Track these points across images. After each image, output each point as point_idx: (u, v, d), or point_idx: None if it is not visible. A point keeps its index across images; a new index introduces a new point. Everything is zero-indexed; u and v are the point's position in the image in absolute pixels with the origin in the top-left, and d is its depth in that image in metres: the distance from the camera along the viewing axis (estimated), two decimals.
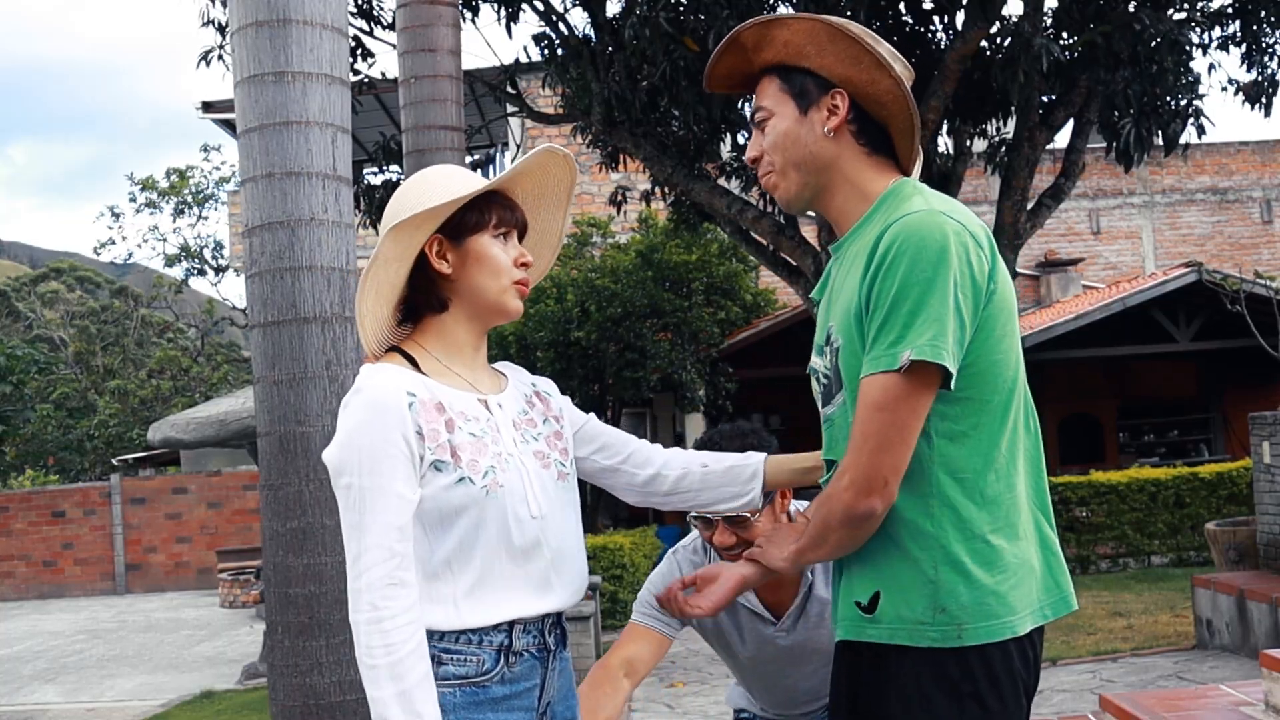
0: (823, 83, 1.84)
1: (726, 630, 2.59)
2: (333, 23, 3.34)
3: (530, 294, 10.73)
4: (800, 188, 1.89)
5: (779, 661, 2.58)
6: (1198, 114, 8.60)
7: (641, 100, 8.88)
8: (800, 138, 1.86)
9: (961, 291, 1.68)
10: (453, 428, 1.78)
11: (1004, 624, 1.71)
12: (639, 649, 2.47)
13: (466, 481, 1.75)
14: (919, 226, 1.69)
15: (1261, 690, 4.48)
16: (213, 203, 28.40)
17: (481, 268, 1.84)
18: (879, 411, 1.67)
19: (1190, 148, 9.31)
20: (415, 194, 1.83)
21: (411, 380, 1.78)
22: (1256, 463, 7.13)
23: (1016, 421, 1.79)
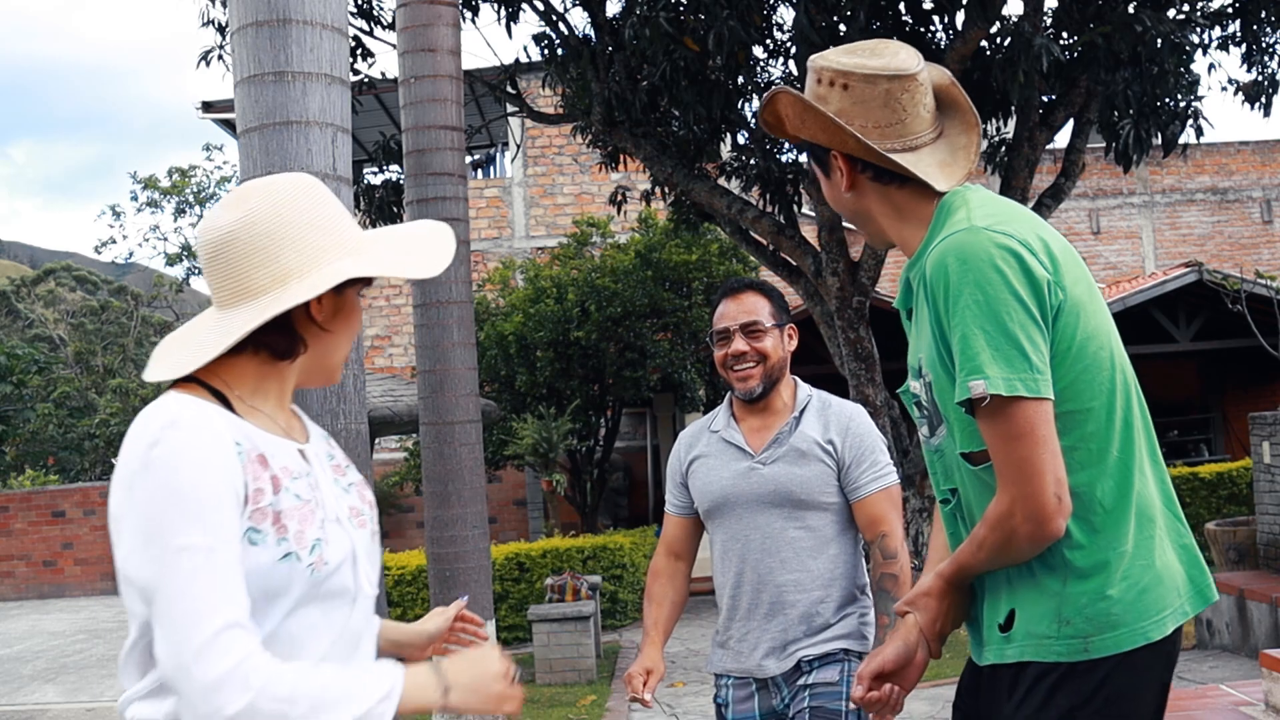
0: (824, 148, 1.88)
1: (706, 465, 2.79)
2: (333, 23, 3.34)
3: (530, 293, 10.79)
4: (867, 236, 1.95)
5: (756, 503, 2.69)
6: (1197, 114, 8.60)
7: (641, 100, 8.88)
8: (835, 199, 1.93)
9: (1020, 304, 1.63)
10: (278, 487, 1.44)
11: (1134, 631, 1.68)
12: (675, 534, 2.88)
13: (292, 558, 1.42)
14: (961, 248, 1.66)
15: (1261, 690, 4.48)
16: (214, 202, 28.42)
17: (348, 325, 1.58)
18: (1012, 442, 1.63)
19: (1190, 148, 9.31)
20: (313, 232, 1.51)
21: (231, 423, 1.44)
22: (1256, 463, 7.13)
23: (1128, 420, 1.73)
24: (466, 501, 5.78)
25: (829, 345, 10.16)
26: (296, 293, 1.45)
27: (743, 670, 2.74)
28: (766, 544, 2.70)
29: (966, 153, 1.85)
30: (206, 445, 1.38)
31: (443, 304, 5.82)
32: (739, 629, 2.74)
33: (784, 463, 2.71)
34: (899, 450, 9.69)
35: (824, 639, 2.69)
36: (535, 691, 7.93)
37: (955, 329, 1.65)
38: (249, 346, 1.50)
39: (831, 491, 2.71)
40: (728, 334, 2.77)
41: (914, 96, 1.82)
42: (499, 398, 13.26)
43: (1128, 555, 1.69)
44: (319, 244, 1.49)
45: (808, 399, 2.81)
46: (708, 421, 2.89)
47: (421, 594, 9.98)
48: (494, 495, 14.64)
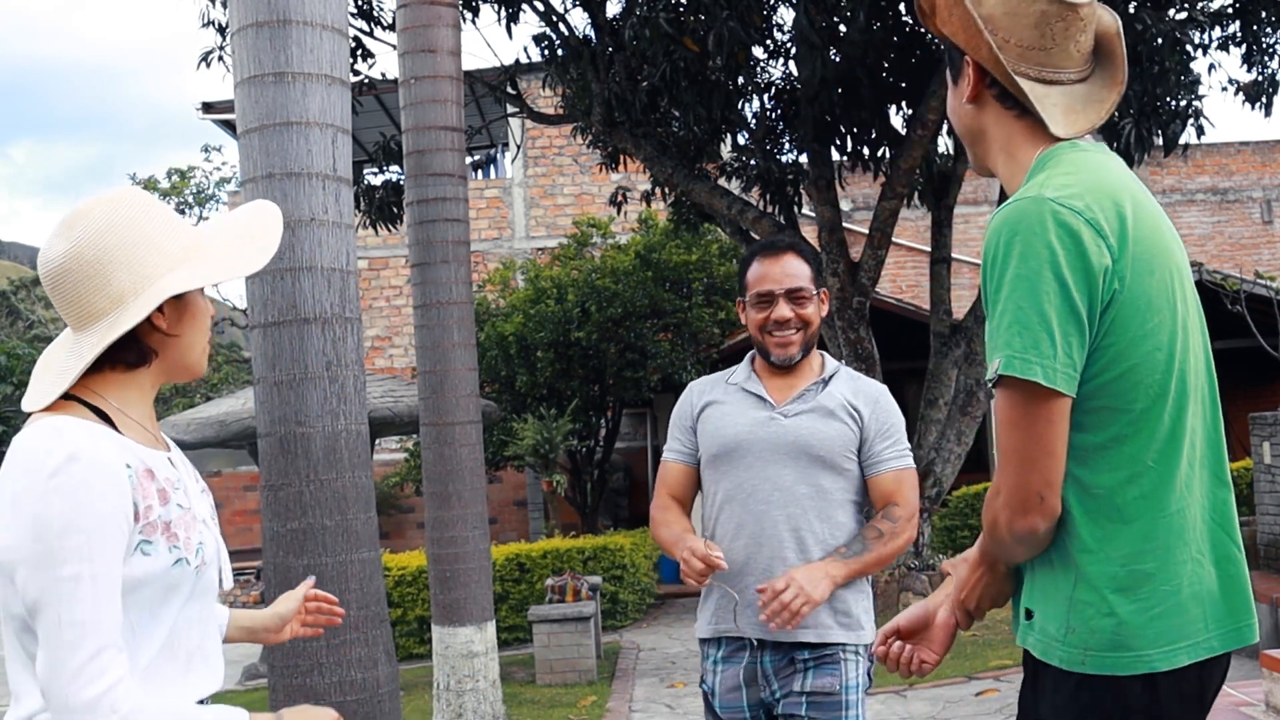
0: (962, 51, 1.76)
1: (721, 410, 2.68)
2: (333, 23, 3.34)
3: (530, 293, 10.78)
4: (973, 158, 1.85)
5: (772, 452, 2.58)
6: (1198, 114, 8.60)
7: (641, 100, 8.88)
8: (954, 108, 1.83)
9: (1063, 290, 1.52)
10: (166, 499, 1.58)
11: (1137, 657, 1.56)
12: (677, 479, 2.73)
13: (183, 563, 1.58)
14: (1018, 219, 1.56)
15: (1261, 690, 4.48)
16: (214, 203, 28.42)
17: (195, 324, 1.68)
18: (1012, 429, 1.57)
19: (1190, 148, 9.31)
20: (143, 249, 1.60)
21: (120, 445, 1.55)
22: (1256, 463, 7.12)
23: (1177, 430, 1.60)
24: (467, 502, 5.78)
25: (829, 345, 10.16)
26: (130, 315, 1.57)
27: (729, 630, 2.59)
28: (775, 497, 2.56)
29: (1099, 107, 1.73)
30: (103, 477, 1.49)
31: (443, 305, 5.82)
32: (733, 584, 2.58)
33: (808, 417, 2.60)
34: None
35: (821, 625, 2.53)
36: (535, 692, 7.93)
37: (995, 303, 1.57)
38: (106, 363, 1.61)
39: (851, 457, 2.60)
40: (771, 297, 2.65)
41: (1069, 29, 1.69)
42: (499, 398, 13.26)
43: (1148, 575, 1.57)
44: (148, 260, 1.59)
45: (837, 368, 2.73)
46: (724, 375, 2.78)
47: (422, 594, 9.98)
48: (494, 496, 14.64)
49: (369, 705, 3.26)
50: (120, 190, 1.65)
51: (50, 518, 1.45)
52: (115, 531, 1.49)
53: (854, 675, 2.56)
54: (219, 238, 1.72)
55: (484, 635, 5.84)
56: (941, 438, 9.68)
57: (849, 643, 2.57)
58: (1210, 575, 1.62)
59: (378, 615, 3.33)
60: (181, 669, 1.61)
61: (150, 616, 1.56)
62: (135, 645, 1.54)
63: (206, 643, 1.67)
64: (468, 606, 5.78)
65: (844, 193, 12.11)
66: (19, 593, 1.48)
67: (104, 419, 1.58)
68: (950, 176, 10.10)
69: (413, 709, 7.45)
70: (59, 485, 1.46)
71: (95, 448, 1.50)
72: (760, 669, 2.58)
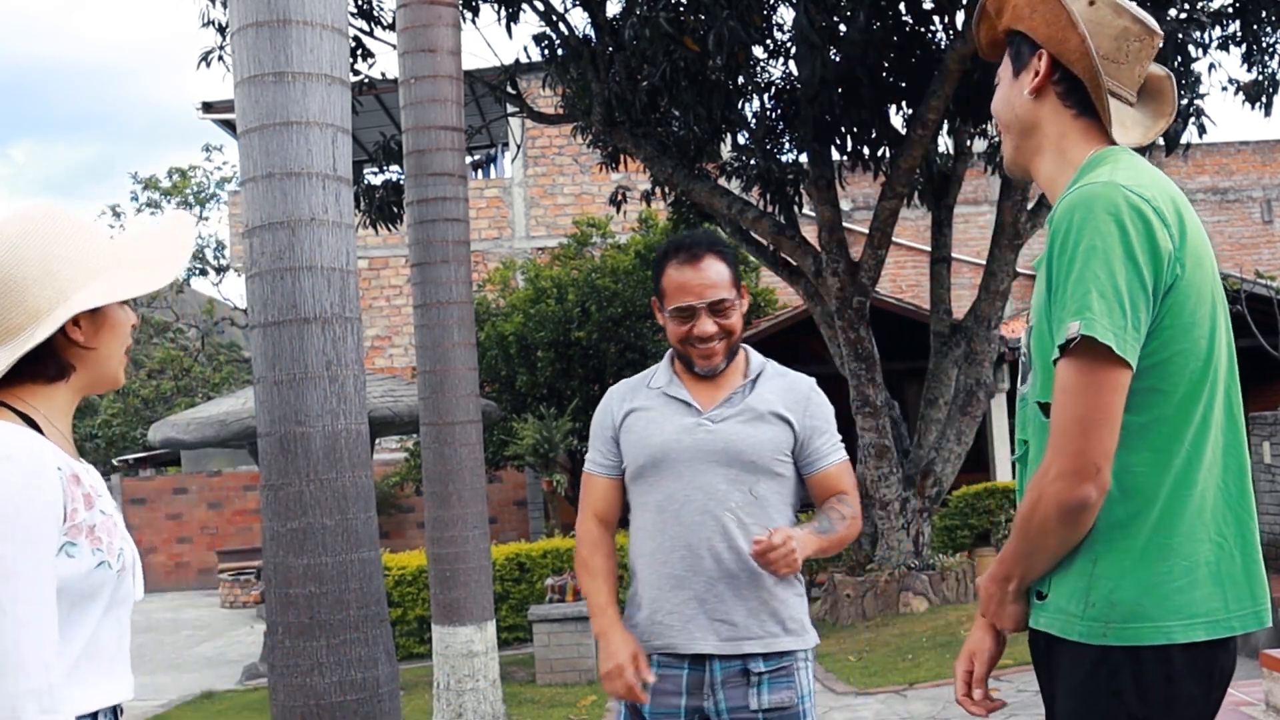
0: (1034, 45, 1.83)
1: (646, 418, 2.55)
2: (333, 23, 3.34)
3: (530, 293, 10.74)
4: (1014, 151, 1.90)
5: (701, 461, 2.46)
6: (1198, 113, 8.60)
7: (641, 100, 8.88)
8: (1009, 99, 1.89)
9: (1134, 267, 1.60)
10: (90, 504, 1.61)
11: (1158, 628, 1.62)
12: (603, 497, 2.62)
13: (105, 565, 1.61)
14: (1092, 198, 1.63)
15: (1261, 690, 4.48)
16: (214, 203, 28.43)
17: (114, 336, 1.71)
18: (1078, 395, 1.60)
19: (1191, 147, 9.30)
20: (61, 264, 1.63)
21: (50, 448, 1.59)
22: (1256, 463, 7.13)
23: (1208, 417, 1.69)
24: (467, 502, 5.78)
25: (829, 345, 10.16)
26: (44, 329, 1.60)
27: (671, 646, 2.46)
28: (708, 506, 2.44)
29: (1145, 131, 1.85)
30: (38, 476, 1.53)
31: (443, 304, 5.82)
32: (673, 600, 2.46)
33: (736, 422, 2.49)
34: (899, 450, 9.69)
35: (770, 635, 2.45)
36: (535, 692, 7.93)
37: (1068, 273, 1.61)
38: (28, 377, 1.65)
39: (784, 459, 2.50)
40: (693, 311, 2.50)
41: (1141, 53, 1.81)
42: (499, 398, 13.26)
43: (1171, 549, 1.64)
44: (63, 274, 1.62)
45: (762, 366, 2.61)
46: (645, 378, 2.65)
47: (422, 594, 9.98)
48: (494, 495, 14.64)
49: (369, 705, 3.26)
50: (34, 204, 1.68)
51: None
52: (46, 532, 1.52)
53: (806, 683, 2.50)
54: (133, 250, 1.74)
55: (484, 635, 5.84)
56: (941, 437, 9.67)
57: (799, 649, 2.49)
58: (1230, 558, 1.68)
59: (378, 615, 3.33)
60: (103, 674, 1.63)
61: (72, 619, 1.58)
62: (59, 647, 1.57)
63: (123, 651, 1.69)
64: (468, 606, 5.78)
65: (844, 193, 12.11)
66: None
67: (31, 425, 1.62)
68: (950, 176, 10.10)
69: (413, 709, 7.46)
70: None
71: (28, 448, 1.54)
72: (707, 678, 2.45)
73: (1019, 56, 1.87)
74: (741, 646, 2.43)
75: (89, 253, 1.66)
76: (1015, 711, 6.02)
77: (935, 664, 7.44)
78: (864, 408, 9.48)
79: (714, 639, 2.43)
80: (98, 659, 1.62)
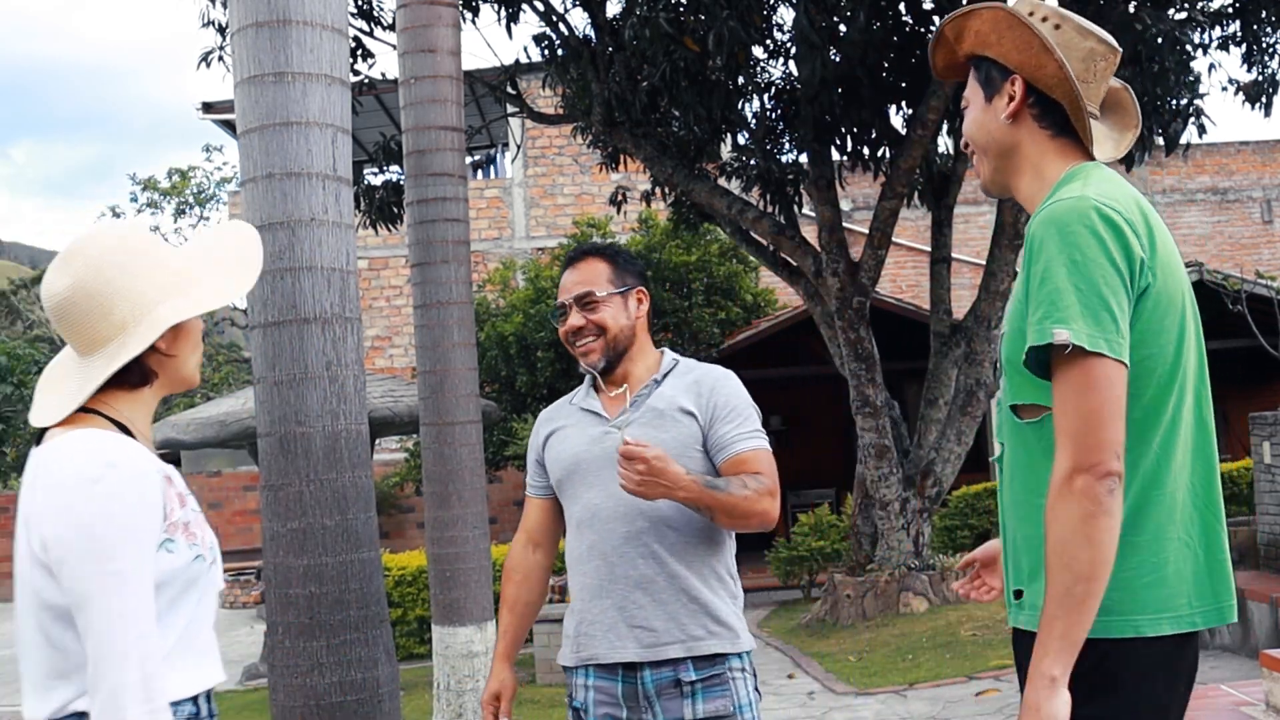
0: (1004, 70, 1.89)
1: (563, 434, 2.59)
2: (333, 23, 3.34)
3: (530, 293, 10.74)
4: (992, 172, 1.96)
5: (610, 468, 2.40)
6: (1198, 113, 8.60)
7: (641, 100, 8.88)
8: (984, 124, 1.93)
9: (1113, 273, 1.67)
10: (183, 503, 1.76)
11: (1125, 621, 1.69)
12: (536, 519, 2.69)
13: (200, 559, 1.75)
14: (1068, 212, 1.70)
15: (1261, 690, 4.48)
16: (214, 203, 28.42)
17: (190, 343, 1.84)
18: (1086, 393, 1.64)
19: (1191, 147, 9.31)
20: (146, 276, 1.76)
21: (146, 454, 1.73)
22: (1257, 463, 7.12)
23: (1177, 420, 1.74)
24: (467, 502, 5.78)
25: (829, 346, 10.16)
26: (135, 343, 1.74)
27: (595, 657, 2.43)
28: (620, 512, 2.42)
29: (1116, 144, 1.93)
30: (139, 482, 1.67)
31: (443, 304, 5.82)
32: (594, 610, 2.45)
33: (639, 425, 2.46)
34: (899, 450, 9.69)
35: (693, 638, 2.39)
36: (535, 692, 7.93)
37: (1046, 282, 1.67)
38: (113, 384, 1.77)
39: (695, 454, 2.43)
40: (564, 310, 2.57)
41: (1106, 70, 1.89)
42: (499, 398, 13.26)
43: (1140, 546, 1.70)
44: (144, 291, 1.75)
45: (673, 364, 2.58)
46: (569, 396, 2.69)
47: (422, 594, 9.97)
48: (494, 495, 14.64)
49: (369, 705, 3.26)
50: (112, 224, 1.82)
51: (95, 520, 1.61)
52: (150, 531, 1.66)
53: (745, 693, 2.44)
54: (205, 262, 1.86)
55: (484, 635, 5.84)
56: (941, 438, 9.67)
57: (731, 653, 2.43)
58: (1197, 556, 1.74)
59: (378, 615, 3.33)
60: (196, 660, 1.76)
61: (171, 610, 1.70)
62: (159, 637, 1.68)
63: (212, 637, 1.82)
64: (468, 606, 5.78)
65: (844, 193, 12.11)
66: (63, 587, 1.63)
67: (123, 430, 1.75)
68: (950, 176, 10.09)
69: (413, 709, 7.46)
70: (102, 491, 1.62)
71: (128, 456, 1.68)
72: (640, 689, 2.40)
73: (990, 82, 1.92)
74: (663, 652, 2.38)
75: (165, 268, 1.79)
76: (1015, 711, 6.02)
77: (935, 664, 7.44)
78: (864, 408, 9.48)
79: (635, 646, 2.40)
80: (193, 646, 1.75)
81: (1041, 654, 1.62)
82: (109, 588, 1.61)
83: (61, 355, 1.83)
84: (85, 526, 1.62)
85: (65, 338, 1.77)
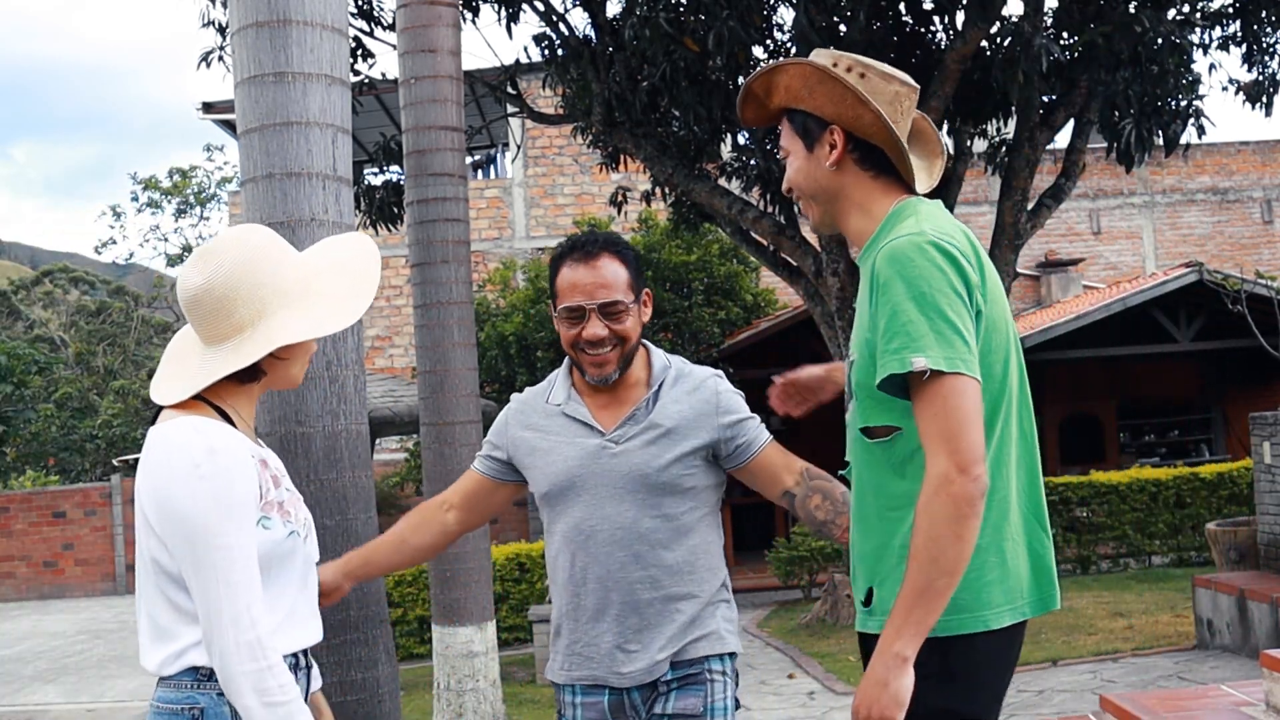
0: (820, 121, 2.00)
1: (550, 442, 2.42)
2: (333, 23, 3.34)
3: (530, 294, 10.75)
4: (821, 214, 2.08)
5: (609, 488, 2.34)
6: (1198, 114, 8.60)
7: (642, 100, 8.88)
8: (810, 172, 2.04)
9: (957, 299, 1.82)
10: (278, 483, 1.95)
11: (974, 617, 1.85)
12: (467, 487, 2.57)
13: (295, 534, 1.94)
14: (909, 248, 1.84)
15: (1262, 690, 4.48)
16: (215, 203, 28.42)
17: (303, 352, 2.01)
18: (940, 410, 1.78)
19: (1191, 148, 9.31)
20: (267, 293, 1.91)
21: (244, 439, 1.90)
22: (1257, 463, 7.12)
23: (1006, 434, 1.92)
24: None
25: (829, 345, 10.15)
26: (248, 350, 1.89)
27: (593, 677, 2.38)
28: (617, 536, 2.33)
29: (929, 173, 2.08)
30: (238, 466, 1.83)
31: (443, 305, 5.82)
32: (591, 633, 2.37)
33: (641, 442, 2.34)
34: None
35: (685, 643, 2.36)
36: (535, 691, 7.93)
37: (898, 314, 1.81)
38: (225, 377, 1.92)
39: (695, 473, 2.36)
40: (582, 312, 2.34)
41: (909, 109, 2.03)
42: (499, 398, 13.25)
43: (982, 547, 1.83)
44: (265, 299, 1.90)
45: (664, 371, 2.43)
46: (543, 392, 2.51)
47: (422, 594, 9.98)
48: None
49: (369, 705, 3.26)
50: (247, 231, 1.97)
51: (200, 500, 1.78)
52: (248, 509, 1.83)
53: (720, 696, 2.38)
54: (328, 272, 2.00)
55: (484, 635, 5.84)
56: None
57: (710, 654, 2.38)
58: (1026, 553, 1.93)
59: (378, 615, 3.33)
60: (296, 624, 1.94)
61: (274, 580, 1.89)
62: (269, 606, 1.86)
63: (311, 602, 2.01)
64: (468, 606, 5.78)
65: None
66: (175, 558, 1.82)
67: (226, 419, 1.92)
68: (950, 176, 10.09)
69: (413, 709, 7.46)
70: (205, 474, 1.79)
71: (228, 443, 1.84)
72: (626, 700, 2.38)
73: (808, 133, 2.02)
74: (656, 671, 2.35)
75: (287, 279, 1.94)
76: (1015, 711, 6.02)
77: None
78: None
79: (630, 668, 2.35)
80: (295, 611, 1.95)
81: (895, 636, 1.76)
82: (216, 562, 1.79)
83: (187, 330, 1.99)
84: (191, 507, 1.79)
85: (193, 325, 1.94)
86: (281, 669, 1.82)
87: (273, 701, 1.80)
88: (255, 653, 1.80)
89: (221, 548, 1.79)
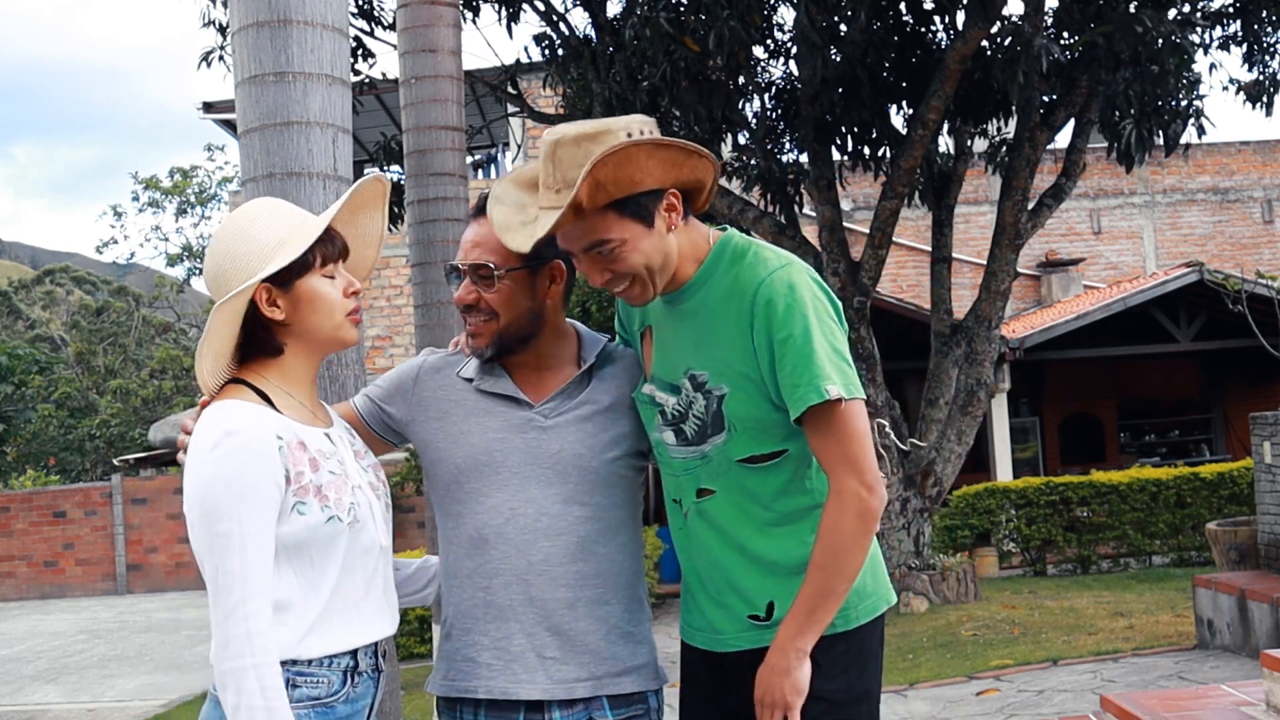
0: (653, 193, 1.93)
1: (464, 409, 2.10)
2: (333, 23, 3.34)
3: None
4: (661, 284, 2.02)
5: (533, 468, 2.04)
6: (1199, 114, 8.60)
7: (642, 100, 8.88)
8: (657, 246, 1.97)
9: (840, 331, 1.97)
10: (317, 467, 1.83)
11: (879, 598, 2.06)
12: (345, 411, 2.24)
13: (335, 520, 1.82)
14: (796, 280, 1.93)
15: (1262, 690, 4.48)
16: (216, 202, 28.44)
17: (314, 309, 1.88)
18: (858, 433, 1.93)
19: (1191, 148, 9.31)
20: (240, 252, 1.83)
21: (273, 421, 1.81)
22: (1257, 463, 7.12)
23: None
24: None
25: None
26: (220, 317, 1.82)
27: (486, 690, 2.01)
28: (542, 524, 2.02)
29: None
30: (252, 449, 1.75)
31: (443, 304, 5.82)
32: (489, 634, 2.03)
33: (575, 420, 2.06)
34: (900, 451, 9.69)
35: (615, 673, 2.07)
36: None
37: (804, 346, 1.89)
38: (257, 353, 1.88)
39: (625, 459, 2.09)
40: (456, 273, 2.07)
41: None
42: None
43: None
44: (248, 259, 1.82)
45: (599, 345, 2.19)
46: (457, 365, 2.16)
47: None
48: None
49: None
50: (249, 202, 1.92)
51: (209, 483, 1.73)
52: (265, 496, 1.75)
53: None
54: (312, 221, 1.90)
55: None
56: (942, 437, 9.67)
57: (649, 690, 2.17)
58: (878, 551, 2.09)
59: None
60: (350, 618, 1.85)
61: (314, 570, 1.80)
62: (305, 595, 1.79)
63: (374, 593, 1.90)
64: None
65: (844, 192, 12.10)
66: (197, 555, 1.77)
67: (265, 399, 1.84)
68: (951, 176, 10.10)
69: (413, 709, 7.46)
70: (217, 456, 1.74)
71: (248, 424, 1.76)
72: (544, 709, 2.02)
73: (644, 211, 1.93)
74: (575, 690, 2.02)
75: (270, 233, 1.84)
76: (1015, 711, 6.02)
77: (935, 664, 7.44)
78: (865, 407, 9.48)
79: (544, 680, 2.00)
80: (347, 603, 1.84)
81: (797, 634, 1.91)
82: (217, 547, 1.72)
83: None
84: (202, 489, 1.74)
85: None
86: (273, 670, 1.70)
87: (250, 705, 1.67)
88: (242, 648, 1.70)
89: (223, 534, 1.72)
